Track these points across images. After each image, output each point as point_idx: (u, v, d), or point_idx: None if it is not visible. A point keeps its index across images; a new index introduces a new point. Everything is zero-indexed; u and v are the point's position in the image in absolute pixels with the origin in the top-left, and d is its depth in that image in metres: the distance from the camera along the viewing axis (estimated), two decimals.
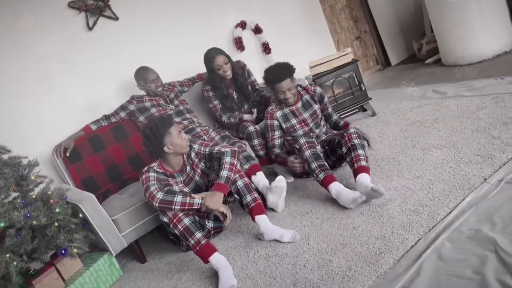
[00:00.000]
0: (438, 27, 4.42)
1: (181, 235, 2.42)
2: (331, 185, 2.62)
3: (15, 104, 3.25)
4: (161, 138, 2.47)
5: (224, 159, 2.58)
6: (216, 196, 2.48)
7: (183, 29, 4.07)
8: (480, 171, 2.36)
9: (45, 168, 3.24)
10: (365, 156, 2.69)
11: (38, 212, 2.54)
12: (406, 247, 2.01)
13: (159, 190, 2.43)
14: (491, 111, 3.02)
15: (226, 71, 3.31)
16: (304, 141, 2.78)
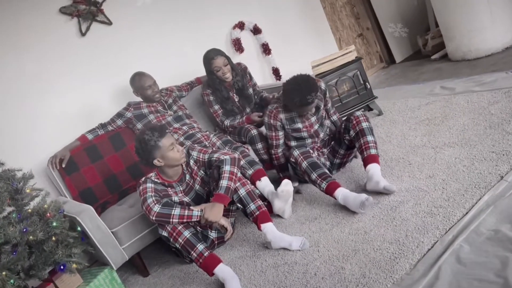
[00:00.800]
0: (443, 21, 4.39)
1: (183, 249, 2.37)
2: (336, 192, 2.59)
3: (6, 114, 3.22)
4: (149, 152, 2.42)
5: (224, 167, 2.53)
6: (215, 208, 2.42)
7: (179, 32, 4.04)
8: (495, 168, 2.32)
9: (40, 180, 3.21)
10: (374, 142, 2.70)
11: (34, 227, 2.49)
12: (422, 251, 1.96)
13: (156, 203, 2.38)
14: (503, 105, 2.97)
15: (225, 73, 3.28)
16: (298, 153, 2.77)
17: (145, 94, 3.31)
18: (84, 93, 3.52)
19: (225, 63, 3.27)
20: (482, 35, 4.16)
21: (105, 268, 2.79)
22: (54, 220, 2.59)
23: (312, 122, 2.97)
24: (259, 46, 4.54)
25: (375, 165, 2.62)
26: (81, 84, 3.51)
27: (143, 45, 3.82)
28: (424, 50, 5.20)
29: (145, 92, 3.30)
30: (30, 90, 3.31)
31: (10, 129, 3.22)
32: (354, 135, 2.75)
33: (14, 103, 3.25)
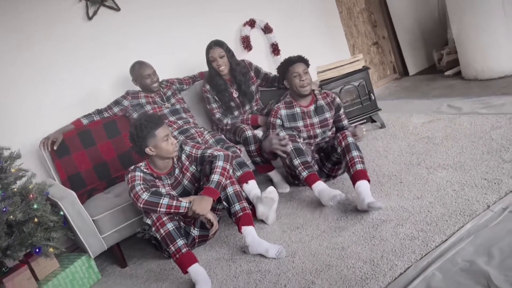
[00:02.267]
0: (459, 37, 4.31)
1: (162, 240, 2.37)
2: (315, 184, 2.67)
3: (2, 93, 3.24)
4: (143, 138, 2.44)
5: (217, 162, 2.54)
6: (204, 200, 2.44)
7: (187, 25, 4.04)
8: (484, 197, 2.27)
9: (31, 161, 3.24)
10: (360, 157, 2.68)
11: (14, 207, 2.52)
12: (394, 275, 1.93)
13: (144, 191, 2.39)
14: (505, 131, 2.91)
15: (220, 65, 3.29)
16: (284, 134, 2.78)
17: (144, 83, 3.32)
18: (84, 77, 3.54)
19: (220, 55, 3.28)
20: (497, 55, 4.08)
21: (83, 256, 2.81)
22: (36, 203, 2.62)
23: (314, 122, 2.97)
24: (268, 45, 4.51)
25: (364, 182, 2.58)
26: (81, 68, 3.53)
27: (148, 35, 3.83)
28: (439, 65, 5.12)
29: (143, 81, 3.31)
30: (28, 70, 3.33)
31: (4, 108, 3.24)
32: (341, 152, 2.74)
33: (11, 82, 3.27)
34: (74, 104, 3.47)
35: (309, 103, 3.01)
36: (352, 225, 2.43)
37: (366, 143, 3.53)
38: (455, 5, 4.21)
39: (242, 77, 3.44)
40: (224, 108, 3.47)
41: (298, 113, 2.99)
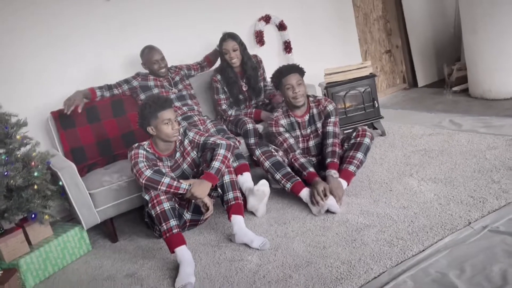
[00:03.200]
0: (470, 54, 4.34)
1: (156, 217, 2.46)
2: (302, 192, 2.76)
3: (18, 63, 3.33)
4: (147, 117, 2.55)
5: (218, 150, 2.63)
6: (203, 184, 2.53)
7: (203, 14, 4.09)
8: (467, 213, 2.32)
9: (37, 130, 3.32)
10: (360, 162, 2.79)
11: (16, 172, 2.62)
12: (368, 278, 2.00)
13: (147, 168, 2.48)
14: (500, 153, 2.95)
15: (232, 58, 3.37)
16: (259, 152, 2.87)
17: (152, 68, 3.39)
18: (97, 54, 3.62)
19: (234, 48, 3.36)
20: (505, 76, 4.10)
21: (77, 226, 2.91)
22: (37, 170, 2.71)
23: (307, 133, 3.04)
24: (281, 42, 4.56)
25: (342, 181, 2.75)
26: (95, 45, 3.60)
27: (164, 21, 3.89)
28: (448, 80, 5.13)
29: (151, 66, 3.38)
30: (44, 42, 3.41)
31: (18, 76, 3.34)
32: (350, 145, 2.85)
33: (27, 53, 3.36)
34: (83, 78, 3.54)
35: (303, 113, 3.05)
36: (337, 226, 2.50)
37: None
38: (469, 23, 4.23)
39: (253, 71, 3.52)
40: (231, 100, 3.54)
41: (294, 122, 3.04)
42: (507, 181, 2.56)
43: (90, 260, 2.83)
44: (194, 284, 2.25)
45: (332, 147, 2.92)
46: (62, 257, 2.79)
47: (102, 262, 2.76)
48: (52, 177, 2.84)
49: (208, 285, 2.23)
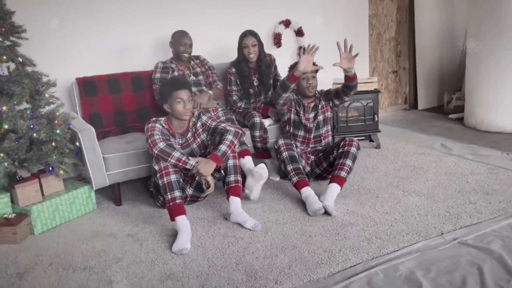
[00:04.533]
0: (470, 86, 4.58)
1: (163, 187, 2.67)
2: (303, 189, 2.91)
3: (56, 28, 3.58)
4: (164, 96, 2.80)
5: (227, 135, 2.85)
6: (209, 164, 2.75)
7: (230, 11, 4.30)
8: (442, 225, 2.56)
9: (62, 93, 3.53)
10: (350, 168, 2.97)
11: (40, 127, 2.83)
12: (345, 266, 2.23)
13: (161, 141, 2.71)
14: (481, 179, 3.19)
15: (250, 53, 3.59)
16: (282, 142, 3.06)
17: (177, 49, 3.53)
18: (127, 31, 3.85)
19: (253, 44, 3.59)
20: (499, 111, 4.34)
21: (86, 186, 3.12)
22: (59, 128, 2.93)
23: (309, 117, 3.30)
24: (296, 47, 4.79)
25: (337, 187, 2.91)
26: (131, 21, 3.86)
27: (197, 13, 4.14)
28: (447, 107, 5.38)
29: (178, 47, 3.52)
30: (82, 16, 3.65)
31: (54, 42, 3.58)
32: (339, 153, 3.02)
33: (66, 23, 3.61)
34: (112, 52, 3.78)
35: (310, 103, 3.33)
36: (324, 220, 2.72)
37: (359, 157, 3.79)
38: (474, 56, 4.47)
39: (266, 69, 3.75)
40: (242, 92, 3.76)
41: (302, 104, 3.33)
42: (482, 204, 2.80)
43: (95, 217, 3.04)
44: (189, 250, 2.47)
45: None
46: (70, 211, 3.01)
47: (105, 221, 2.98)
48: (71, 137, 3.05)
49: (201, 253, 2.45)
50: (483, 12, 4.29)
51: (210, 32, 4.19)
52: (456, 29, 5.64)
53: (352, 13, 5.09)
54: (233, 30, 3.83)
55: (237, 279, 2.18)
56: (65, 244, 2.68)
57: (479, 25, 4.35)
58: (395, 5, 5.50)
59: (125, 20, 3.84)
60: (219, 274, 2.23)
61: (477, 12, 4.38)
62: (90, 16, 3.69)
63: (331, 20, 4.96)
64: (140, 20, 3.90)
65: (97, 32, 3.73)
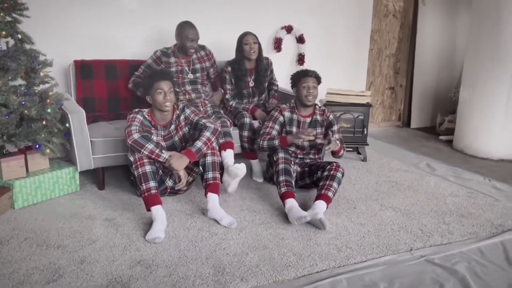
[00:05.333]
0: (462, 109, 4.63)
1: (138, 178, 2.72)
2: (288, 200, 2.89)
3: (60, 11, 3.64)
4: (146, 87, 2.86)
5: (205, 132, 2.89)
6: (182, 159, 2.78)
7: (232, 10, 4.36)
8: (412, 242, 2.60)
9: (58, 74, 3.57)
10: (336, 190, 2.98)
11: (32, 104, 2.87)
12: (311, 271, 2.27)
13: (137, 132, 2.74)
14: (459, 201, 3.24)
15: (252, 49, 3.64)
16: (282, 155, 3.06)
17: (184, 44, 3.48)
18: (131, 20, 3.92)
19: (254, 41, 3.66)
20: (487, 138, 4.39)
21: (71, 167, 3.16)
22: (50, 107, 2.96)
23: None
24: (296, 53, 4.84)
25: (323, 202, 2.89)
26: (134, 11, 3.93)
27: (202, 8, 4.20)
28: (438, 128, 5.43)
29: (184, 42, 3.46)
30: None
31: (56, 23, 3.64)
32: (325, 176, 3.03)
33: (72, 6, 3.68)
34: (113, 41, 3.83)
35: (307, 115, 3.33)
36: (298, 225, 2.76)
37: (346, 168, 3.83)
38: (469, 81, 4.52)
39: (262, 71, 3.79)
40: (236, 92, 3.81)
41: (295, 119, 3.31)
42: (455, 225, 2.84)
43: (76, 199, 3.08)
44: (162, 239, 2.51)
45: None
46: (52, 190, 3.05)
47: (86, 203, 3.02)
48: (61, 118, 3.09)
49: (174, 244, 2.49)
50: (481, 40, 4.34)
51: (211, 29, 4.22)
52: (456, 52, 5.70)
53: (354, 26, 5.14)
54: (234, 30, 3.86)
55: (204, 272, 2.22)
56: (43, 221, 2.72)
57: (477, 52, 4.41)
58: (398, 22, 5.56)
59: (128, 10, 3.88)
60: (188, 266, 2.27)
61: (475, 39, 4.44)
62: (95, 1, 3.73)
63: (334, 31, 5.02)
64: (142, 10, 3.95)
65: (99, 18, 3.79)
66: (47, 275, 2.15)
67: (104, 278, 2.14)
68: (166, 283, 2.12)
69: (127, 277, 2.16)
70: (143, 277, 2.16)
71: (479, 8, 4.39)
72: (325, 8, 4.89)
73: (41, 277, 2.13)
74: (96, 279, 2.14)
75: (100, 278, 2.14)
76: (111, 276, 2.16)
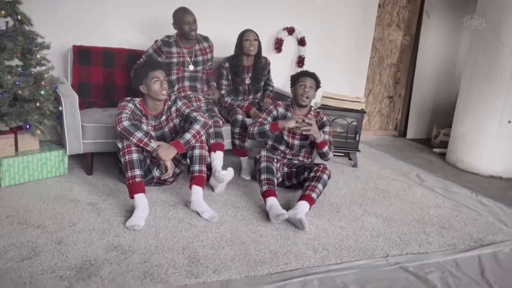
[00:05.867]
0: (456, 123, 4.64)
1: (124, 165, 2.75)
2: (268, 198, 2.92)
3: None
4: (139, 77, 2.86)
5: (195, 125, 2.91)
6: (169, 149, 2.81)
7: (236, 8, 4.39)
8: (389, 248, 2.62)
9: (56, 58, 3.59)
10: (320, 192, 2.99)
11: (26, 85, 2.90)
12: (285, 268, 2.29)
13: (127, 119, 2.76)
14: (442, 213, 3.25)
15: (251, 46, 3.68)
16: (264, 153, 3.09)
17: (183, 29, 3.44)
18: (133, 10, 3.95)
19: (255, 38, 3.70)
20: (479, 154, 4.40)
21: (61, 150, 3.19)
22: (44, 90, 3.00)
23: (296, 132, 3.29)
24: (296, 55, 4.86)
25: (307, 204, 2.89)
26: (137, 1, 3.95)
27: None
28: (433, 140, 5.44)
29: (182, 27, 3.43)
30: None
31: (59, 8, 3.67)
32: (311, 176, 3.05)
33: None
34: (114, 29, 3.87)
35: (301, 115, 3.34)
36: (279, 224, 2.78)
37: (335, 173, 3.86)
38: (465, 96, 4.53)
39: (259, 70, 3.82)
40: (232, 88, 3.83)
41: (289, 117, 3.32)
42: (435, 236, 2.86)
43: (63, 181, 3.11)
44: (142, 227, 2.53)
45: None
46: (40, 171, 3.08)
47: (72, 186, 3.05)
48: (55, 101, 3.12)
49: (153, 232, 2.52)
50: (479, 57, 4.36)
51: (213, 25, 4.24)
52: (457, 67, 5.71)
53: (357, 33, 5.16)
54: (236, 27, 3.87)
55: (179, 262, 2.24)
56: (26, 201, 2.75)
57: (474, 68, 4.42)
58: (401, 32, 5.57)
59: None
60: (163, 255, 2.29)
61: (473, 56, 4.46)
62: None
63: (336, 35, 5.03)
64: (144, 1, 3.97)
65: (102, 4, 3.81)
66: (23, 252, 2.18)
67: (79, 260, 2.17)
68: (139, 269, 2.14)
69: (101, 260, 2.19)
70: (117, 261, 2.19)
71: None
72: (329, 12, 4.91)
73: (16, 254, 2.16)
74: (71, 260, 2.16)
75: (75, 259, 2.17)
76: (86, 258, 2.19)
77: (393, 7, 5.42)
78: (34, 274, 2.03)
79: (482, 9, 4.37)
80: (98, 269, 2.11)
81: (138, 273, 2.11)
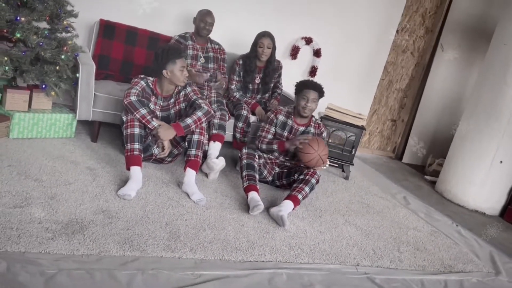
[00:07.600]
0: (451, 155, 4.64)
1: (125, 137, 2.79)
2: (250, 192, 2.95)
3: None
4: (166, 61, 2.86)
5: (197, 111, 2.95)
6: (169, 130, 2.85)
7: (259, 9, 4.41)
8: (361, 259, 2.64)
9: (82, 28, 3.65)
10: (307, 194, 3.03)
11: (48, 47, 2.96)
12: (257, 259, 2.32)
13: (135, 95, 2.80)
14: (420, 236, 3.26)
15: (264, 52, 3.71)
16: (245, 151, 3.14)
17: (198, 26, 3.59)
18: None
19: (268, 46, 3.71)
20: (467, 187, 4.39)
21: (71, 114, 3.25)
22: (65, 55, 3.05)
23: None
24: (310, 65, 4.88)
25: (291, 202, 2.93)
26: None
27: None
28: (427, 168, 5.44)
29: (199, 24, 3.58)
30: None
31: None
32: (300, 179, 3.09)
33: None
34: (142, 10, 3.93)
35: (302, 124, 3.36)
36: (262, 218, 2.81)
37: (326, 181, 3.89)
38: (463, 131, 4.53)
39: (271, 72, 3.85)
40: (242, 85, 3.87)
41: (289, 125, 3.35)
42: (407, 255, 2.87)
43: (68, 144, 3.17)
44: (132, 198, 2.57)
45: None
46: (48, 130, 3.13)
47: (75, 149, 3.10)
48: (74, 67, 3.17)
49: (141, 204, 2.56)
50: (483, 95, 4.35)
51: (233, 21, 4.27)
52: (462, 101, 5.69)
53: (372, 54, 5.17)
54: (255, 27, 3.91)
55: (159, 235, 2.28)
56: (30, 155, 2.81)
57: (477, 104, 4.41)
58: (414, 60, 5.58)
59: None
60: (146, 226, 2.34)
61: (478, 92, 4.45)
62: None
63: (350, 53, 5.05)
64: None
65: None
66: (16, 200, 2.23)
67: (67, 217, 2.21)
68: (121, 235, 2.18)
69: (88, 221, 2.23)
70: (102, 224, 2.23)
71: (489, 65, 4.40)
72: (347, 31, 4.92)
73: (10, 201, 2.21)
74: (59, 215, 2.21)
75: (63, 215, 2.22)
76: (73, 217, 2.23)
77: (410, 35, 5.43)
78: (23, 221, 2.07)
79: (495, 47, 4.36)
80: (83, 228, 2.15)
81: (119, 238, 2.15)
